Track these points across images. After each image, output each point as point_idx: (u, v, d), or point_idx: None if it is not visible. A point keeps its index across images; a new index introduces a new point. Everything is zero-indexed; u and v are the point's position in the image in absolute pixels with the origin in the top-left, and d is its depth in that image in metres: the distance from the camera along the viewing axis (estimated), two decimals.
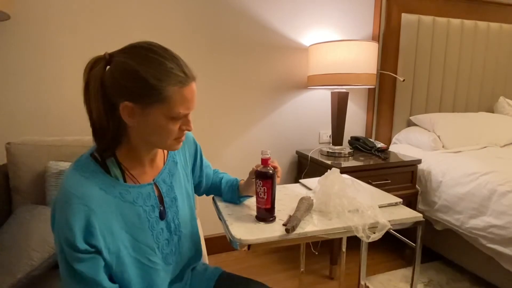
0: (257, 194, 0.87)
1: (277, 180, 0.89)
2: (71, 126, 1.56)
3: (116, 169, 0.70)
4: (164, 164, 0.81)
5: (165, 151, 0.84)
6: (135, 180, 0.73)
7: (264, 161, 0.86)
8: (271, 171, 0.86)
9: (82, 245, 0.61)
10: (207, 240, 1.37)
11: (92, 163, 0.68)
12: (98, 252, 0.63)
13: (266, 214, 0.88)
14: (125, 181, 0.71)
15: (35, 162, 1.23)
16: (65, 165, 1.21)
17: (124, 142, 0.71)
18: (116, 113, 0.66)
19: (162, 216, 0.77)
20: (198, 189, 1.02)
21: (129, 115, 0.65)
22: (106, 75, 0.65)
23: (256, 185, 0.86)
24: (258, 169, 0.86)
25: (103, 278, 0.64)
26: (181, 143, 0.74)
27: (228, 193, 1.01)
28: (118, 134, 0.69)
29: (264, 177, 0.85)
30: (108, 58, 0.66)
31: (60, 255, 0.63)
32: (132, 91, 0.64)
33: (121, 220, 0.69)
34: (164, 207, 0.78)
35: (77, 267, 0.61)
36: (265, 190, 0.85)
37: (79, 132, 1.50)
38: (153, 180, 0.77)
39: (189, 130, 0.72)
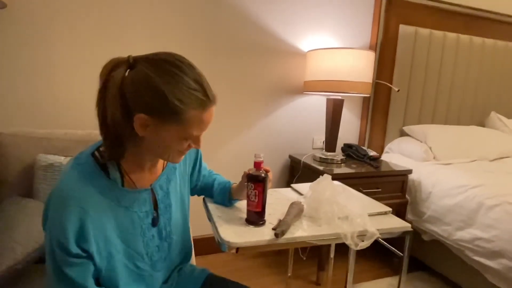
0: (248, 197, 0.87)
1: (269, 184, 0.89)
2: (63, 119, 1.53)
3: (116, 172, 0.69)
4: (163, 170, 0.80)
5: None
6: (133, 185, 0.72)
7: (257, 164, 0.86)
8: (263, 175, 0.85)
9: (75, 249, 0.60)
10: (195, 240, 1.35)
11: (92, 164, 0.66)
12: (90, 257, 0.62)
13: (256, 217, 0.88)
14: (123, 185, 0.70)
15: (24, 154, 1.21)
16: (55, 158, 1.19)
17: (130, 147, 0.69)
18: (131, 121, 0.63)
19: (154, 223, 0.76)
20: (191, 190, 1.01)
21: (142, 126, 0.63)
22: (126, 81, 0.62)
23: (247, 188, 0.86)
24: (250, 172, 0.86)
25: (91, 284, 0.63)
26: (183, 156, 0.74)
27: (219, 195, 1.00)
28: (130, 142, 0.67)
29: (256, 180, 0.85)
30: (131, 63, 0.63)
31: (49, 256, 0.61)
32: (152, 106, 0.61)
33: (115, 225, 0.67)
34: (157, 213, 0.77)
35: (67, 271, 0.60)
36: (257, 194, 0.85)
37: (71, 126, 1.48)
38: (151, 185, 0.76)
39: (197, 148, 0.72)
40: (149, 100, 0.61)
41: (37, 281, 0.96)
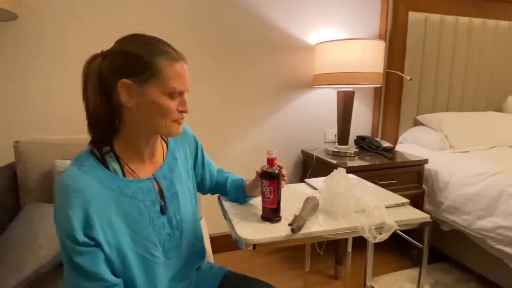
0: (263, 194, 0.87)
1: (283, 183, 0.89)
2: (78, 124, 1.55)
3: (115, 164, 0.71)
4: (164, 159, 0.82)
5: (164, 147, 0.84)
6: (135, 175, 0.73)
7: (270, 161, 0.86)
8: (277, 171, 0.85)
9: (82, 237, 0.62)
10: (212, 239, 1.37)
11: (91, 158, 0.69)
12: (98, 245, 0.64)
13: (272, 214, 0.88)
14: (124, 175, 0.71)
15: (43, 161, 1.24)
16: None
17: (122, 133, 0.72)
18: (112, 101, 0.68)
19: (163, 211, 0.77)
20: (202, 188, 1.02)
21: (128, 94, 0.67)
22: (103, 66, 0.68)
23: (262, 185, 0.86)
24: (264, 169, 0.86)
25: (105, 271, 0.65)
26: (180, 125, 0.74)
27: (233, 192, 1.01)
28: (114, 123, 0.71)
29: (270, 177, 0.85)
30: (104, 53, 0.70)
31: (62, 248, 0.65)
32: (127, 67, 0.67)
33: (121, 214, 0.69)
34: (164, 202, 0.78)
35: (77, 259, 0.62)
36: (271, 190, 0.85)
37: (86, 131, 1.51)
38: (153, 175, 0.77)
39: (185, 111, 0.73)
40: (123, 63, 0.67)
41: (61, 283, 0.99)
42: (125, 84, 0.66)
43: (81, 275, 0.64)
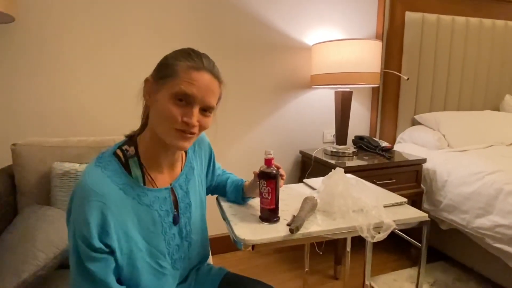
0: (261, 194, 0.87)
1: (281, 182, 0.89)
2: (76, 127, 1.56)
3: (137, 170, 0.70)
4: (182, 169, 0.81)
5: (183, 157, 0.84)
6: (154, 184, 0.73)
7: (268, 161, 0.85)
8: (274, 171, 0.85)
9: (98, 244, 0.61)
10: (211, 240, 1.37)
11: (114, 162, 0.68)
12: (111, 252, 0.64)
13: (270, 214, 0.88)
14: (144, 183, 0.71)
15: (40, 163, 1.24)
16: (70, 166, 1.22)
17: (145, 138, 0.74)
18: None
19: (175, 221, 0.77)
20: (206, 190, 1.02)
21: (147, 91, 0.71)
22: None
23: (259, 185, 0.86)
24: (262, 169, 0.86)
25: (112, 280, 0.64)
26: (186, 141, 0.70)
27: (232, 193, 1.01)
28: (145, 123, 0.75)
29: (267, 177, 0.84)
30: None
31: (73, 251, 0.63)
32: (156, 69, 0.72)
33: (136, 223, 0.69)
34: (178, 212, 0.78)
35: (90, 266, 0.61)
36: (269, 191, 0.85)
37: (84, 133, 1.51)
38: (170, 184, 0.77)
39: (188, 123, 0.67)
40: (156, 67, 0.72)
41: (60, 286, 0.98)
42: (147, 81, 0.71)
43: (89, 281, 0.62)
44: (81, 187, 0.63)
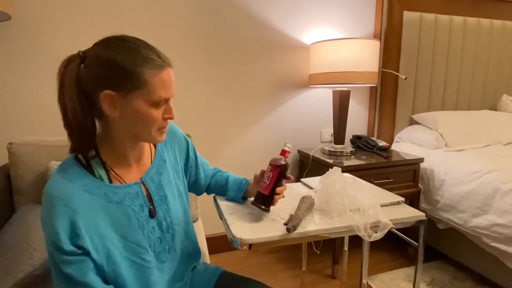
0: (263, 177, 0.88)
1: (284, 186, 0.91)
2: None
3: (100, 170, 0.70)
4: (151, 163, 0.81)
5: (152, 149, 0.83)
6: (121, 180, 0.72)
7: (282, 152, 0.89)
8: (283, 162, 0.87)
9: (68, 247, 0.61)
10: (208, 239, 1.37)
11: (75, 165, 0.68)
12: (86, 253, 0.63)
13: (262, 200, 0.88)
14: (110, 181, 0.70)
15: (37, 162, 1.23)
16: None
17: (107, 139, 0.71)
18: (94, 108, 0.66)
19: (152, 214, 0.76)
20: (197, 188, 1.01)
21: (111, 105, 0.65)
22: (81, 71, 0.65)
23: (266, 169, 0.88)
24: (275, 157, 0.89)
25: (94, 279, 0.64)
26: (165, 134, 0.74)
27: (233, 191, 1.00)
28: (96, 131, 0.69)
29: (275, 163, 0.87)
30: (82, 55, 0.66)
31: (49, 257, 0.64)
32: (110, 79, 0.63)
33: (108, 220, 0.68)
34: (153, 205, 0.77)
35: (65, 269, 0.62)
36: (270, 176, 0.86)
37: None
38: (141, 179, 0.77)
39: (171, 118, 0.71)
40: (106, 74, 0.63)
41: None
42: (107, 96, 0.64)
43: (69, 284, 0.63)
44: (45, 195, 0.63)
